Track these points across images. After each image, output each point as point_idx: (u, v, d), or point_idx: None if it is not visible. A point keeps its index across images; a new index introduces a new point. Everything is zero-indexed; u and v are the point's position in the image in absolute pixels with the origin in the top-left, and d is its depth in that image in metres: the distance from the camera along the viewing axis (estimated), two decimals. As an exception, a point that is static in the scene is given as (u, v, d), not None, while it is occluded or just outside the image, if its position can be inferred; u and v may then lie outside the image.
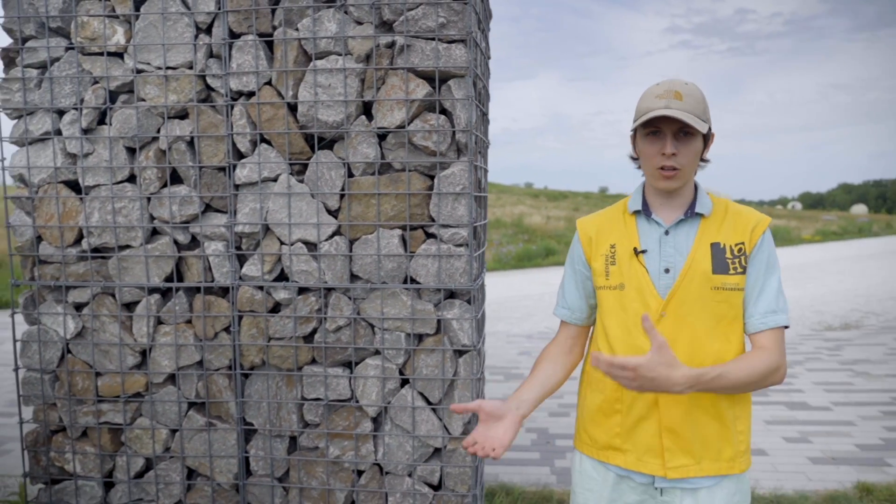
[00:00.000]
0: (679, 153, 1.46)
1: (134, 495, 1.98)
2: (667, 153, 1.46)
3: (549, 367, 1.63)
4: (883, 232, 29.96)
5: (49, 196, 1.90)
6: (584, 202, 35.69)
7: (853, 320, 8.69)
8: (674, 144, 1.46)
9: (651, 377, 1.32)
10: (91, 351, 1.93)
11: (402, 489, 1.88)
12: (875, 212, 66.06)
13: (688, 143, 1.46)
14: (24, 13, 1.86)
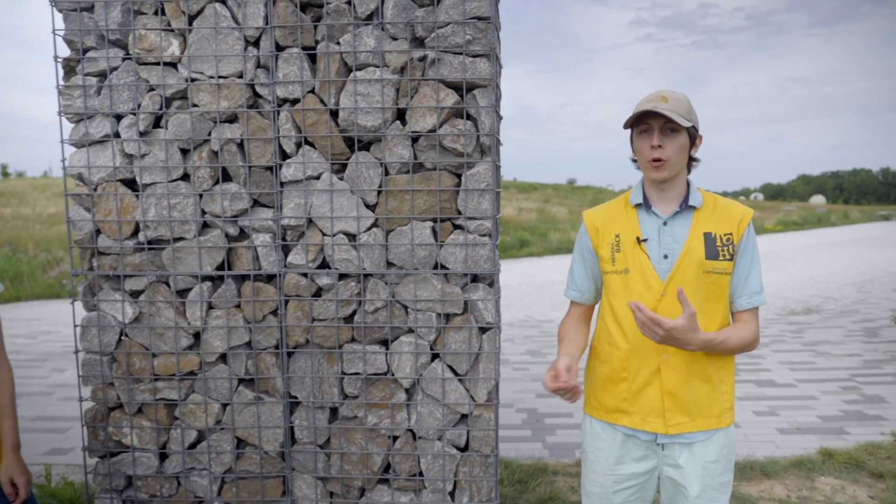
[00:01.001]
0: (665, 146, 1.74)
1: (187, 465, 2.18)
2: (654, 144, 1.74)
3: (576, 334, 1.90)
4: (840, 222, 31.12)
5: (108, 193, 2.08)
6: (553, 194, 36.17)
7: (814, 305, 9.20)
8: (660, 138, 1.74)
9: (677, 337, 1.62)
10: (147, 334, 2.13)
11: (433, 452, 2.13)
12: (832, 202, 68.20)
13: (673, 137, 1.74)
14: (84, 27, 2.03)
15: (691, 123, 1.74)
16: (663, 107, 1.71)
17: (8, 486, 1.78)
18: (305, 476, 2.17)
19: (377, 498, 2.16)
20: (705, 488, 1.80)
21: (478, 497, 2.14)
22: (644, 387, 1.81)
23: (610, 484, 1.88)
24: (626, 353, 1.82)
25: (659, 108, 1.70)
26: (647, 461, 1.86)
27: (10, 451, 1.81)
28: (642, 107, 1.74)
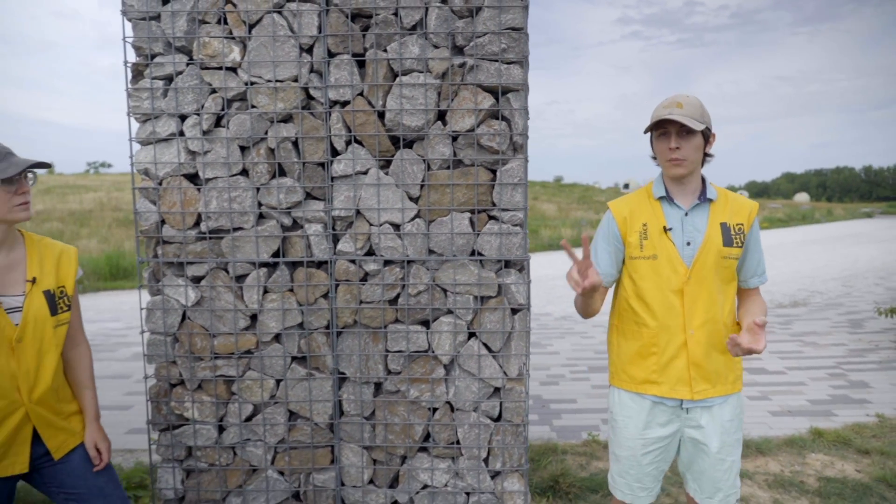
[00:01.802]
0: (682, 147, 1.97)
1: (243, 436, 2.38)
2: (671, 147, 1.97)
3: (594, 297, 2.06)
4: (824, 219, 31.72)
5: (172, 187, 2.27)
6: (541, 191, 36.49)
7: (801, 298, 9.53)
8: (677, 140, 1.97)
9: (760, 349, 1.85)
10: (208, 316, 2.32)
11: (469, 422, 2.34)
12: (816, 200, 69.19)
13: (688, 139, 1.98)
14: (152, 34, 2.22)
15: (704, 125, 1.97)
16: (679, 113, 1.94)
17: (93, 451, 1.97)
18: (352, 445, 2.38)
19: (417, 465, 2.37)
20: (723, 444, 2.05)
21: (509, 463, 2.36)
22: (672, 359, 2.04)
23: (638, 447, 2.12)
24: (654, 331, 2.05)
25: (674, 116, 1.93)
26: (671, 425, 2.09)
27: (93, 420, 2.00)
28: (660, 114, 1.97)
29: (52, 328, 1.81)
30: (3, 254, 1.76)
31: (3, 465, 1.75)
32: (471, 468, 2.36)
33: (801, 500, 3.33)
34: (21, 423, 1.77)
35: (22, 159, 1.74)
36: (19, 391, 1.75)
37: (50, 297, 1.81)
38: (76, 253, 1.98)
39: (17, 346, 1.74)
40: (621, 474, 2.19)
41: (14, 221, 1.76)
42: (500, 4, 2.16)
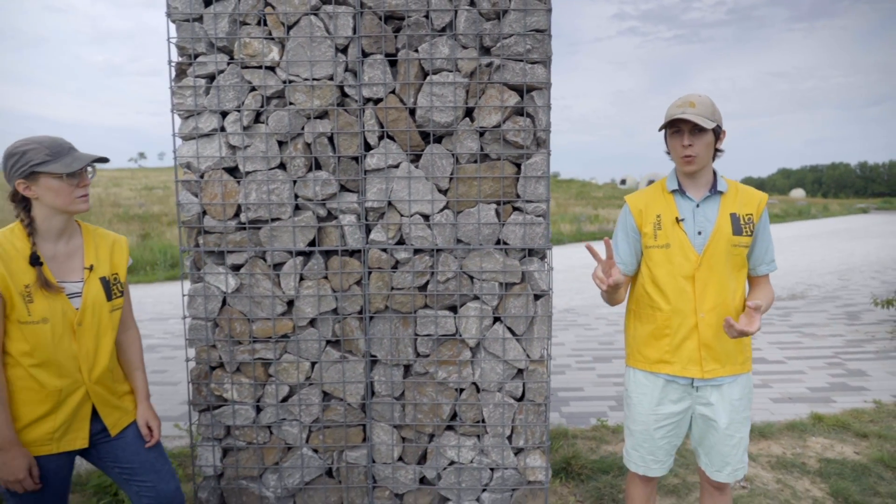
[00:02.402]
0: (694, 144, 2.11)
1: (280, 416, 2.52)
2: (684, 144, 2.11)
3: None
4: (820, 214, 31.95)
5: (213, 179, 2.40)
6: (541, 187, 36.54)
7: (799, 292, 9.70)
8: (689, 138, 2.11)
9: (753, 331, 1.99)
10: (246, 302, 2.45)
11: (494, 402, 2.48)
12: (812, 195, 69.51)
13: (700, 137, 2.11)
14: (195, 35, 2.34)
15: (715, 124, 2.11)
16: (692, 112, 2.08)
17: (144, 429, 2.10)
18: (383, 424, 2.52)
19: (445, 442, 2.51)
20: (732, 421, 2.19)
21: (532, 440, 2.50)
22: (684, 340, 2.18)
23: (651, 422, 2.26)
24: (667, 314, 2.19)
25: (687, 116, 2.06)
26: (683, 402, 2.24)
27: (144, 400, 2.13)
28: (674, 113, 2.10)
29: (108, 312, 1.94)
30: (63, 242, 1.89)
31: (66, 441, 1.88)
32: (495, 445, 2.50)
33: (803, 480, 3.48)
34: (82, 401, 1.90)
35: (85, 154, 1.86)
36: (80, 371, 1.88)
37: (105, 284, 1.94)
38: (127, 242, 2.10)
39: (77, 329, 1.86)
40: (635, 448, 2.33)
41: (75, 212, 1.88)
42: (525, 7, 2.29)
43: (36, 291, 1.78)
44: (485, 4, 2.31)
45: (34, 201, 1.82)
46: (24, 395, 1.80)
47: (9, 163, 1.77)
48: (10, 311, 1.76)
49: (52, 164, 1.78)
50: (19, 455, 1.77)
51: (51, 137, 1.83)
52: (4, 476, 1.76)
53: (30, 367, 1.79)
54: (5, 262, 1.75)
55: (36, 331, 1.78)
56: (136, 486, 2.03)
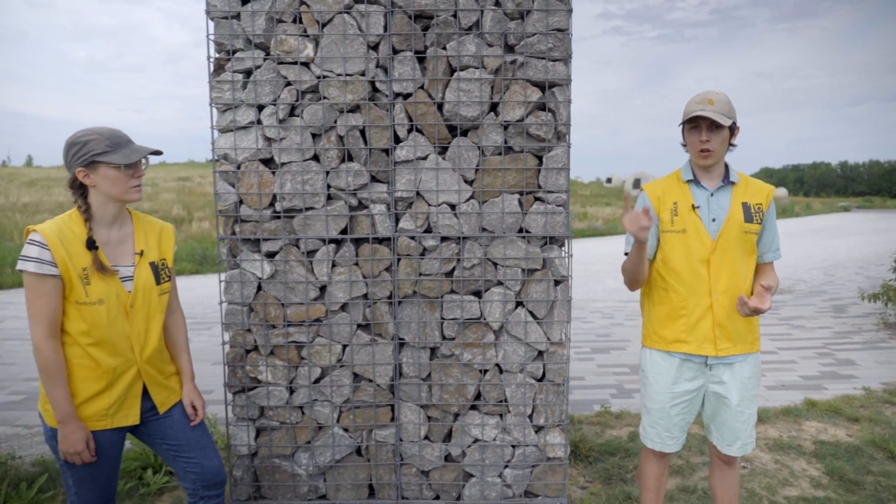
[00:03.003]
0: (711, 140, 2.26)
1: (312, 397, 2.63)
2: (703, 140, 2.25)
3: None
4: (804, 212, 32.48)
5: (250, 170, 2.51)
6: (529, 186, 36.77)
7: (786, 287, 9.95)
8: (707, 133, 2.25)
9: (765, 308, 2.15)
10: (281, 288, 2.57)
11: (516, 382, 2.62)
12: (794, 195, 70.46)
13: (717, 133, 2.26)
14: (233, 32, 2.45)
15: (731, 121, 2.25)
16: (710, 110, 2.22)
17: (189, 408, 2.21)
18: (410, 404, 2.65)
19: (469, 421, 2.64)
20: (742, 398, 2.34)
21: (551, 419, 2.64)
22: (699, 321, 2.33)
23: (667, 400, 2.41)
24: (683, 296, 2.33)
25: (706, 113, 2.21)
26: (697, 381, 2.39)
27: (189, 380, 2.24)
28: (693, 110, 2.25)
29: (157, 296, 2.05)
30: (116, 228, 2.00)
31: (119, 416, 1.99)
32: (517, 424, 2.64)
33: (800, 460, 3.65)
34: (134, 379, 2.01)
35: (141, 147, 1.97)
36: (132, 351, 1.99)
37: (154, 268, 2.05)
38: (173, 230, 2.21)
39: (130, 311, 1.97)
40: (652, 425, 2.48)
41: (129, 201, 1.99)
42: (547, 8, 2.43)
43: (92, 274, 1.89)
44: (509, 4, 2.44)
45: (91, 189, 1.92)
46: (82, 372, 1.91)
47: (70, 151, 1.87)
48: (68, 292, 1.86)
49: (112, 155, 1.88)
50: (78, 429, 1.87)
51: (110, 129, 1.93)
52: (64, 448, 1.87)
53: (87, 345, 1.89)
54: (65, 246, 1.85)
55: (93, 311, 1.88)
56: (183, 463, 2.14)
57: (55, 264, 1.82)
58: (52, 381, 1.83)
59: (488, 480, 2.67)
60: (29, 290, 1.82)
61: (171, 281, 2.15)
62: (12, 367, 5.87)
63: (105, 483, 2.00)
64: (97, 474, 1.98)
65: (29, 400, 4.93)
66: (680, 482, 3.37)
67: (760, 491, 3.28)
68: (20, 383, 5.39)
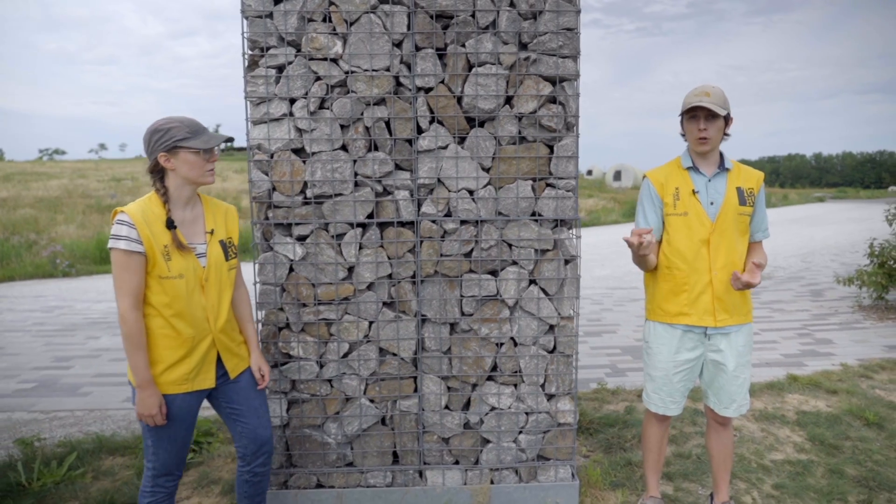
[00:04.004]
0: (708, 129, 2.49)
1: (340, 370, 2.83)
2: (701, 128, 2.49)
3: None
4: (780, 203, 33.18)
5: (282, 159, 2.69)
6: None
7: (765, 273, 10.31)
8: (704, 123, 2.49)
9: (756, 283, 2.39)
10: (311, 269, 2.76)
11: (529, 354, 2.84)
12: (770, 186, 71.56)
13: (713, 122, 2.49)
14: (266, 30, 2.63)
15: (727, 111, 2.49)
16: (707, 101, 2.46)
17: (258, 374, 2.42)
18: (432, 376, 2.86)
19: (486, 391, 2.86)
20: (738, 364, 2.59)
21: (562, 387, 2.87)
22: (700, 295, 2.57)
23: (671, 368, 2.65)
24: (685, 273, 2.57)
25: (704, 103, 2.44)
26: (696, 350, 2.63)
27: (256, 349, 2.45)
28: (692, 101, 2.48)
29: (226, 271, 2.25)
30: (189, 209, 2.18)
31: (198, 381, 2.19)
32: (530, 392, 2.86)
33: (784, 429, 3.94)
34: (209, 347, 2.20)
35: (217, 134, 2.17)
36: (208, 321, 2.18)
37: (223, 246, 2.24)
38: (237, 211, 2.40)
39: (205, 285, 2.16)
40: (655, 391, 2.72)
41: (203, 184, 2.18)
42: (558, 9, 2.64)
43: (172, 251, 2.08)
44: (523, 5, 2.65)
45: (169, 173, 2.10)
46: (164, 341, 2.10)
47: (153, 138, 2.05)
48: (151, 267, 2.05)
49: (192, 140, 2.07)
50: (154, 394, 2.06)
51: (188, 117, 2.12)
52: (140, 411, 2.06)
53: (169, 316, 2.08)
54: (149, 225, 2.04)
55: (174, 285, 2.07)
56: (241, 427, 2.34)
57: (141, 242, 2.01)
58: (133, 348, 2.02)
59: (504, 445, 2.89)
60: (117, 266, 2.00)
61: (237, 258, 2.34)
62: (18, 357, 5.98)
63: (180, 445, 2.19)
64: (174, 436, 2.17)
65: (41, 387, 5.06)
66: (675, 449, 3.63)
67: (749, 455, 3.55)
68: (29, 372, 5.51)
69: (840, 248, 13.46)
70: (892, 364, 5.19)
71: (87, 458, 3.63)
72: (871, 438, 3.72)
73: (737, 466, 3.39)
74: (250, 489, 2.44)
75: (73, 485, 3.29)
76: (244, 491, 2.45)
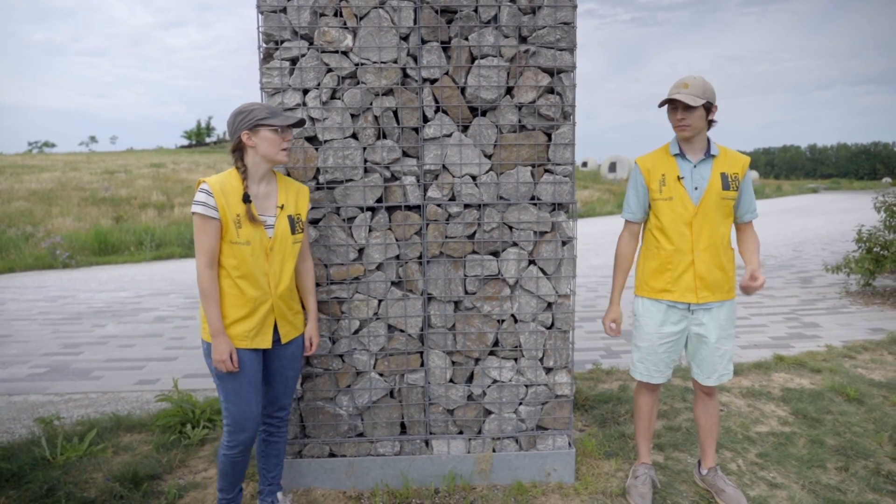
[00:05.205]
0: (685, 118, 2.67)
1: (351, 346, 3.01)
2: (678, 118, 2.66)
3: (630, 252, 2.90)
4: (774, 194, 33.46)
5: (296, 147, 2.85)
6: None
7: (757, 261, 10.53)
8: (682, 112, 2.66)
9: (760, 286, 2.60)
10: (324, 250, 2.93)
11: (529, 330, 3.02)
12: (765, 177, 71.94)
13: (691, 112, 2.66)
14: (281, 24, 2.78)
15: (704, 101, 2.64)
16: (684, 93, 2.63)
17: (308, 341, 2.63)
18: (437, 351, 3.04)
19: (488, 365, 3.05)
20: (719, 337, 2.78)
21: (559, 361, 3.06)
22: (682, 273, 2.75)
23: (655, 339, 2.84)
24: (670, 253, 2.75)
25: (678, 96, 2.62)
26: (681, 324, 2.82)
27: (314, 319, 2.71)
28: (670, 93, 2.66)
29: (291, 244, 2.48)
30: (264, 185, 2.44)
31: (258, 340, 2.43)
32: (530, 366, 3.05)
33: (770, 404, 4.14)
34: (269, 311, 2.43)
35: (291, 114, 2.40)
36: (269, 286, 2.42)
37: (291, 221, 2.47)
38: (308, 191, 2.63)
39: (269, 254, 2.40)
40: (641, 361, 2.91)
41: (278, 162, 2.43)
42: (555, 4, 2.80)
43: (244, 221, 2.32)
44: (523, 1, 2.81)
45: (248, 151, 2.35)
46: (231, 300, 2.35)
47: (238, 118, 2.30)
48: (224, 232, 2.31)
49: (273, 119, 2.32)
50: (225, 342, 2.30)
51: (266, 103, 2.41)
52: (215, 357, 2.31)
53: (236, 278, 2.34)
54: (226, 196, 2.29)
55: (241, 250, 2.31)
56: (265, 389, 2.55)
57: (217, 209, 2.24)
58: (208, 301, 2.28)
59: (505, 416, 3.08)
60: (196, 228, 2.26)
61: (304, 233, 2.56)
62: (28, 344, 6.13)
63: (246, 399, 2.42)
64: (240, 389, 2.41)
65: (53, 372, 5.22)
66: (666, 423, 3.83)
67: (735, 428, 3.75)
68: (40, 358, 5.66)
69: (830, 238, 13.70)
70: (874, 345, 5.40)
71: (107, 434, 3.80)
72: (851, 412, 3.93)
73: (723, 438, 3.59)
74: (266, 448, 2.69)
75: (96, 459, 3.46)
76: (262, 450, 2.69)
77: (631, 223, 2.92)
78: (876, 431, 3.64)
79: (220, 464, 2.51)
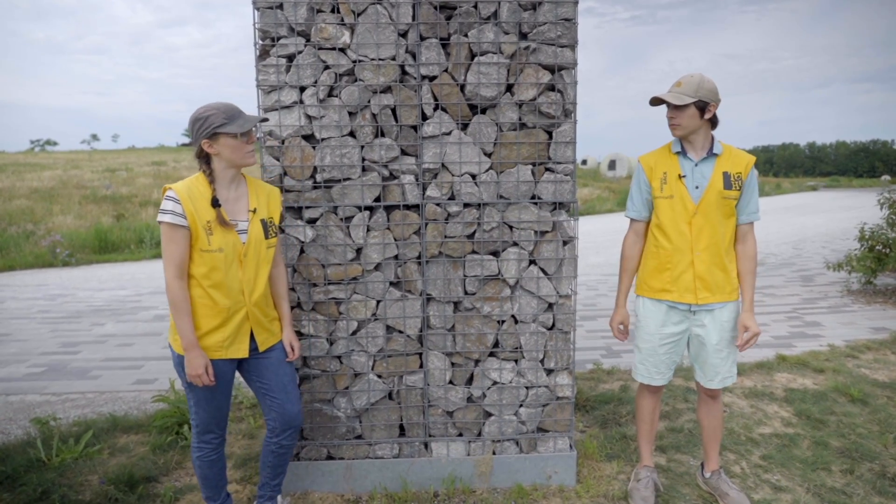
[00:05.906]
0: (675, 116, 2.63)
1: (349, 347, 2.97)
2: (669, 116, 2.63)
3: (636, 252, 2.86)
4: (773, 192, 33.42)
5: (293, 145, 2.81)
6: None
7: (758, 259, 10.48)
8: (672, 111, 2.62)
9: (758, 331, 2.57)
10: (321, 250, 2.88)
11: (529, 331, 2.98)
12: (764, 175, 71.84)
13: (682, 111, 2.62)
14: (277, 21, 2.74)
15: (695, 99, 2.58)
16: (675, 91, 2.60)
17: (288, 347, 2.57)
18: (436, 352, 3.00)
19: (488, 366, 3.01)
20: (721, 339, 2.74)
21: (560, 363, 3.02)
22: (682, 273, 2.71)
23: (656, 340, 2.80)
24: (669, 252, 2.71)
25: (663, 95, 2.59)
26: (682, 324, 2.77)
27: (288, 325, 2.61)
28: (661, 93, 2.62)
29: (265, 249, 2.40)
30: (233, 189, 2.35)
31: (232, 349, 2.34)
32: (530, 368, 3.01)
33: (772, 405, 4.10)
34: (243, 319, 2.35)
35: (251, 116, 2.31)
36: (243, 294, 2.34)
37: (264, 225, 2.40)
38: (280, 193, 2.56)
39: (243, 260, 2.32)
40: (642, 362, 2.87)
41: (245, 165, 2.34)
42: (556, 0, 2.76)
43: (215, 227, 2.23)
44: (523, -3, 2.76)
45: (214, 156, 2.25)
46: (203, 310, 2.26)
47: (195, 126, 2.20)
48: (194, 241, 2.22)
49: (229, 126, 2.22)
50: (199, 355, 2.23)
51: (224, 103, 2.26)
52: (189, 371, 2.23)
53: (207, 287, 2.25)
54: (194, 202, 2.20)
55: (213, 258, 2.23)
56: (269, 401, 2.49)
57: (185, 217, 2.16)
58: (179, 313, 2.19)
59: (505, 418, 3.04)
60: (164, 238, 2.17)
61: (277, 237, 2.48)
62: (27, 343, 6.09)
63: (217, 406, 2.38)
64: (212, 397, 2.35)
65: (51, 371, 5.18)
66: (668, 424, 3.79)
67: (738, 429, 3.71)
68: (38, 357, 5.63)
69: (831, 236, 13.66)
70: (877, 344, 5.36)
71: (103, 436, 3.77)
72: (856, 413, 3.89)
73: (726, 439, 3.55)
74: (275, 459, 2.60)
75: (91, 460, 3.42)
76: (269, 461, 2.60)
77: (636, 222, 2.88)
78: (881, 433, 3.60)
79: (197, 469, 2.46)
